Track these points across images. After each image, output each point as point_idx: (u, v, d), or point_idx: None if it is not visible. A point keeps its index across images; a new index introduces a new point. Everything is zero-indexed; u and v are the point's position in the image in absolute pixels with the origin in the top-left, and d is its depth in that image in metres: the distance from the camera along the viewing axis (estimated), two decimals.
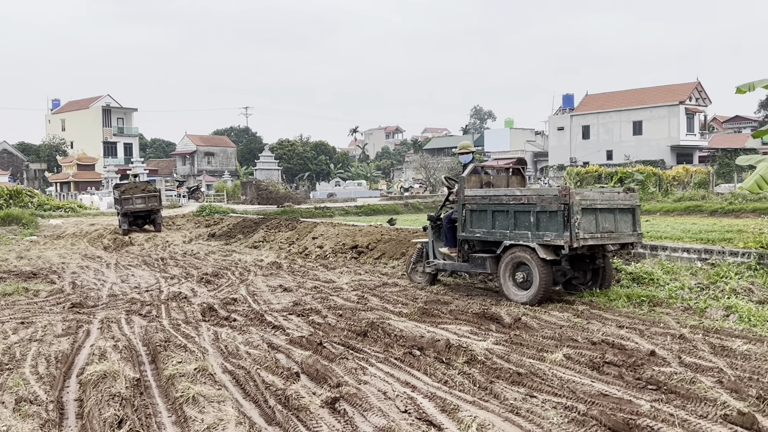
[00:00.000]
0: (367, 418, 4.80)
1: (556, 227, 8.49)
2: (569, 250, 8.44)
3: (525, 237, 8.82)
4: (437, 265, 10.38)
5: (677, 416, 4.62)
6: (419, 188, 63.71)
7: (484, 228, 9.38)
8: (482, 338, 7.06)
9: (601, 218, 8.74)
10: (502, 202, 9.14)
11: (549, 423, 4.65)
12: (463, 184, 9.69)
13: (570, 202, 8.34)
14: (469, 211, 9.58)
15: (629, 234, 9.11)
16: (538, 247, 8.62)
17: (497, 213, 9.21)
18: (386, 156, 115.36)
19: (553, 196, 8.55)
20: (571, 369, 5.90)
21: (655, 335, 7.00)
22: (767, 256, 9.76)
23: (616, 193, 9.18)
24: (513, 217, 8.96)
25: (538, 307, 8.61)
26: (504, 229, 9.11)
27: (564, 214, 8.38)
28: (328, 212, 33.20)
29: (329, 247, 15.84)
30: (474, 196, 9.53)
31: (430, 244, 10.53)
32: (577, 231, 8.32)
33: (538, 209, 8.66)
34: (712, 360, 6.02)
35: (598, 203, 8.74)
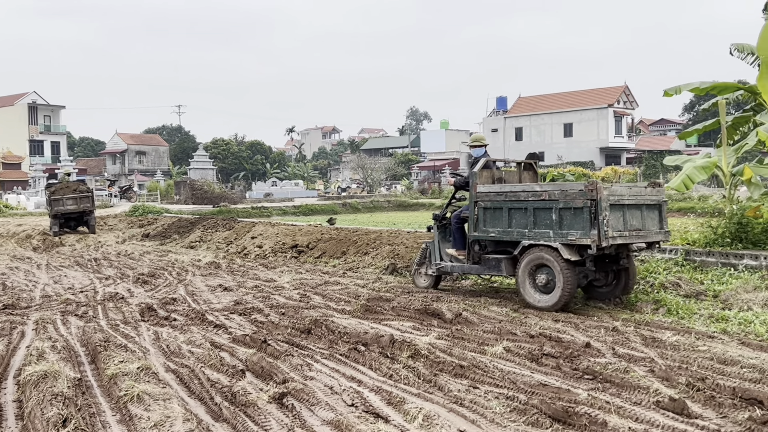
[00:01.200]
0: (314, 413, 4.85)
1: (581, 225, 7.90)
2: (597, 250, 7.85)
3: (546, 236, 8.22)
4: (444, 267, 9.75)
5: (613, 404, 4.84)
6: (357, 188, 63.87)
7: (499, 227, 8.73)
8: (425, 333, 7.19)
9: (629, 215, 8.18)
10: (520, 198, 8.49)
11: (492, 413, 4.79)
12: (475, 180, 9.02)
13: (598, 197, 7.74)
14: (481, 209, 8.91)
15: (656, 232, 8.56)
16: (562, 247, 8.02)
17: (514, 210, 8.57)
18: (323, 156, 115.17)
19: (578, 191, 7.95)
20: (511, 361, 6.09)
21: (589, 328, 7.27)
22: (693, 253, 10.23)
23: (642, 188, 8.70)
24: (532, 214, 8.35)
25: (476, 300, 8.81)
26: (522, 228, 8.49)
27: (591, 210, 7.78)
28: (265, 212, 32.91)
29: (269, 246, 15.75)
30: (488, 192, 8.87)
31: (436, 245, 9.91)
32: (606, 229, 7.72)
33: (561, 206, 8.06)
34: (644, 351, 6.31)
35: (626, 199, 8.18)
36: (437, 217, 9.99)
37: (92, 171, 79.52)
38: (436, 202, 37.33)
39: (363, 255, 13.47)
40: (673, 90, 12.61)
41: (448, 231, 9.81)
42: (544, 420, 4.58)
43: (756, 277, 8.87)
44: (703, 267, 10.20)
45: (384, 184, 66.21)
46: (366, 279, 11.38)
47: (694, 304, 8.27)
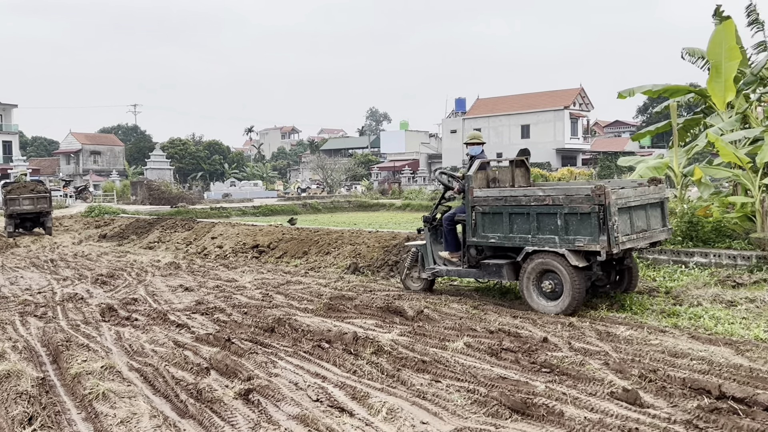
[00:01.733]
0: (280, 408, 4.93)
1: (589, 231, 7.62)
2: (606, 255, 7.60)
3: (551, 242, 7.92)
4: (438, 271, 9.44)
5: (569, 395, 5.03)
6: (317, 189, 63.71)
7: (500, 232, 8.41)
8: (387, 330, 7.31)
9: (635, 216, 7.99)
10: (521, 203, 8.17)
11: (454, 405, 4.94)
12: (471, 183, 8.68)
13: (606, 202, 7.46)
14: (479, 214, 8.57)
15: (660, 230, 8.44)
16: (569, 253, 7.75)
17: (515, 216, 8.25)
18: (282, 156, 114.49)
19: (584, 195, 7.65)
20: (471, 356, 6.24)
21: (546, 324, 7.48)
22: (645, 251, 10.56)
23: (646, 187, 8.43)
24: (535, 219, 8.04)
25: (438, 298, 8.96)
26: (524, 233, 8.17)
27: (599, 216, 7.51)
28: (224, 212, 32.68)
29: (229, 246, 15.70)
30: (486, 197, 8.52)
31: (428, 247, 9.55)
32: (616, 235, 7.48)
33: (567, 211, 7.76)
34: (599, 345, 6.53)
35: (633, 200, 7.94)
36: (428, 219, 9.64)
37: (45, 171, 77.74)
38: (396, 202, 37.57)
39: (325, 255, 13.53)
40: (627, 92, 12.99)
41: (440, 233, 9.52)
42: (503, 411, 4.74)
43: (705, 273, 9.22)
44: (655, 264, 10.55)
45: (344, 185, 66.21)
46: (328, 278, 11.45)
47: (646, 300, 8.55)
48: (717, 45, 12.44)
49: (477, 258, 8.87)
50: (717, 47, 12.43)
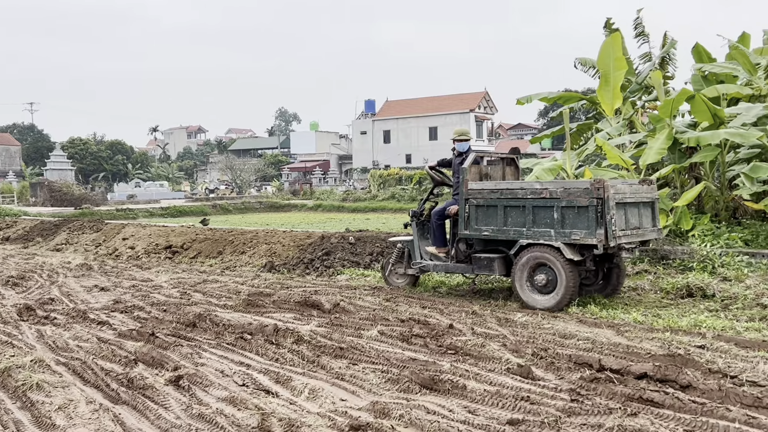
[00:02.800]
0: (209, 392, 5.31)
1: (586, 224, 7.74)
2: (603, 249, 7.74)
3: (546, 235, 8.03)
4: (426, 266, 9.45)
5: (471, 371, 5.65)
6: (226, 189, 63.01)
7: (494, 225, 8.49)
8: (306, 322, 7.76)
9: (629, 213, 8.12)
10: (517, 196, 8.28)
11: (369, 384, 5.46)
12: (466, 176, 8.77)
13: (605, 196, 7.60)
14: (473, 207, 8.65)
15: (651, 229, 8.56)
16: (564, 246, 7.86)
17: (510, 209, 8.35)
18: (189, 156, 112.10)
19: (583, 189, 7.78)
20: (384, 342, 6.79)
21: (452, 312, 8.13)
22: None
23: (639, 186, 8.53)
24: (531, 213, 8.15)
25: (352, 293, 9.47)
26: (519, 226, 8.28)
27: (597, 209, 7.66)
28: (131, 214, 32.02)
29: (141, 247, 15.67)
30: (481, 190, 8.63)
31: (415, 243, 9.59)
32: (614, 229, 7.62)
33: (564, 204, 7.89)
34: (498, 329, 7.21)
35: (628, 197, 8.07)
36: (415, 214, 9.65)
37: None
38: (308, 203, 37.86)
39: (240, 254, 13.79)
40: (525, 99, 13.95)
41: (427, 228, 9.57)
42: (414, 387, 5.30)
43: None
44: None
45: (254, 186, 65.79)
46: (244, 277, 11.75)
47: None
48: (606, 55, 13.56)
49: (466, 252, 8.90)
50: (606, 58, 13.55)
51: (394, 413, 4.62)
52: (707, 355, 6.00)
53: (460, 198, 8.82)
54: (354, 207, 35.17)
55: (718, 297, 8.43)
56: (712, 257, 9.50)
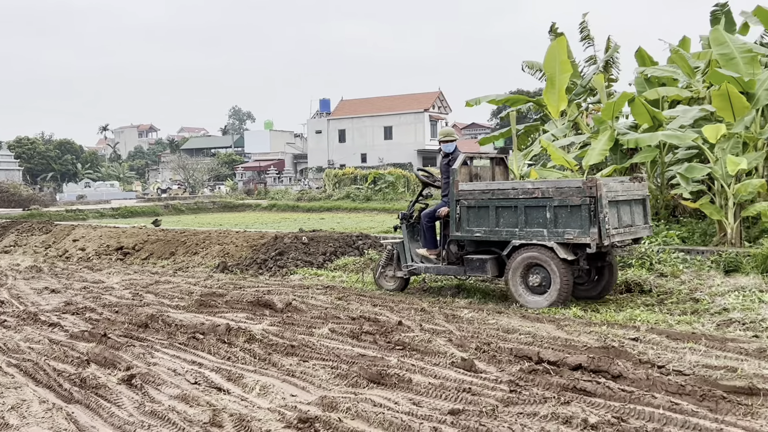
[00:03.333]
0: (162, 391, 5.43)
1: (579, 223, 7.75)
2: (596, 248, 7.74)
3: (539, 235, 8.03)
4: (417, 269, 9.37)
5: (417, 366, 5.89)
6: (178, 189, 62.27)
7: (485, 226, 8.45)
8: (258, 322, 7.90)
9: (622, 211, 8.11)
10: (509, 196, 8.24)
11: (319, 380, 5.65)
12: (456, 177, 8.74)
13: (598, 194, 7.59)
14: (464, 208, 8.60)
15: (643, 227, 8.57)
16: (558, 246, 7.86)
17: (502, 209, 8.32)
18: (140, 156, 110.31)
19: (575, 188, 7.77)
20: (335, 339, 6.98)
21: (402, 310, 8.37)
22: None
23: (631, 183, 8.53)
24: (523, 213, 8.14)
25: (305, 292, 9.63)
26: (511, 227, 8.26)
27: (590, 208, 7.65)
28: (81, 215, 31.46)
29: (92, 249, 15.54)
30: (472, 190, 8.58)
31: (405, 245, 9.52)
32: (606, 227, 7.62)
33: (556, 203, 7.88)
34: (445, 325, 7.47)
35: (620, 195, 8.07)
36: (405, 216, 9.60)
37: None
38: (263, 203, 37.72)
39: (192, 255, 13.82)
40: (474, 101, 14.31)
41: (417, 230, 9.53)
42: (362, 381, 5.51)
43: None
44: None
45: (207, 185, 65.16)
46: (197, 277, 11.80)
47: (487, 287, 9.68)
48: (552, 59, 13.96)
49: (458, 254, 8.86)
50: (552, 61, 13.96)
51: (342, 406, 4.82)
52: (640, 346, 6.35)
53: (451, 199, 8.75)
54: (309, 207, 35.18)
55: (654, 292, 8.84)
56: (650, 254, 9.94)
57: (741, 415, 4.56)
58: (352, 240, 12.86)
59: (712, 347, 6.26)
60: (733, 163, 9.62)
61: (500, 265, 8.58)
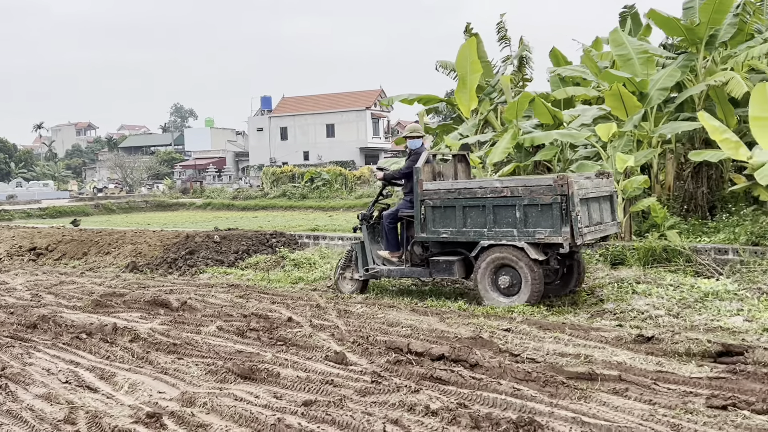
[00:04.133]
0: (29, 390, 5.46)
1: (550, 222, 7.51)
2: (569, 248, 7.57)
3: (509, 235, 7.76)
4: (380, 272, 8.99)
5: (290, 360, 6.06)
6: (115, 188, 61.12)
7: (452, 227, 8.16)
8: (150, 321, 7.95)
9: (592, 208, 7.93)
10: (476, 195, 7.95)
11: (190, 377, 5.76)
12: (420, 176, 8.42)
13: (569, 192, 7.37)
14: (430, 208, 8.29)
15: (611, 223, 8.42)
16: (528, 246, 7.62)
17: (469, 209, 8.03)
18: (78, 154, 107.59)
19: (546, 186, 7.53)
20: (220, 337, 7.09)
21: (298, 306, 8.52)
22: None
23: (600, 180, 8.34)
24: (491, 212, 7.85)
25: (208, 291, 9.69)
26: (480, 227, 7.97)
27: (561, 207, 7.42)
28: (6, 215, 30.69)
29: (3, 250, 15.22)
30: (437, 190, 8.27)
31: (366, 247, 9.15)
32: (579, 226, 7.40)
33: (526, 202, 7.63)
34: (334, 321, 7.65)
35: (591, 192, 7.88)
36: (365, 217, 9.25)
37: None
38: (197, 201, 37.38)
39: (105, 255, 13.69)
40: (386, 101, 14.57)
41: (377, 231, 9.20)
42: (231, 377, 5.65)
43: None
44: None
45: (145, 184, 64.09)
46: (104, 277, 11.72)
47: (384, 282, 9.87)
48: (463, 59, 14.31)
49: (422, 256, 8.59)
50: (463, 61, 14.30)
51: (200, 402, 4.95)
52: (509, 336, 6.63)
53: (415, 200, 8.45)
54: (244, 205, 35.05)
55: None
56: None
57: (575, 398, 4.86)
58: (265, 238, 12.93)
59: (576, 336, 6.59)
60: (622, 161, 10.05)
61: (468, 266, 8.31)
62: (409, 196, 8.75)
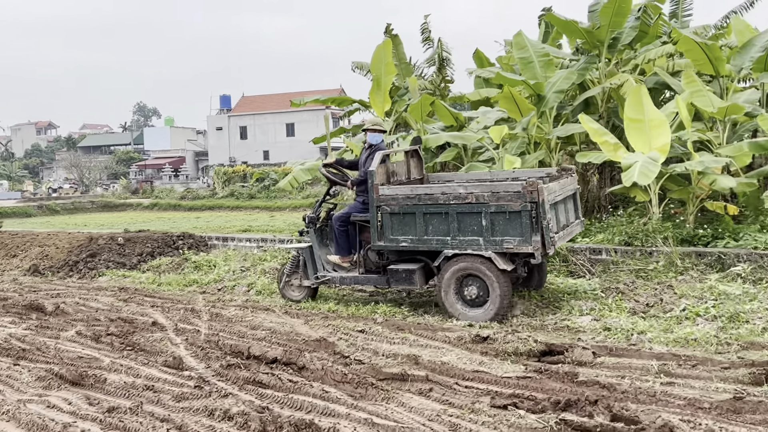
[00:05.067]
0: None
1: (519, 231, 6.99)
2: (540, 258, 7.08)
3: (475, 244, 7.23)
4: (333, 279, 8.35)
5: (126, 365, 6.07)
6: (69, 189, 60.20)
7: (412, 235, 7.56)
8: (17, 326, 7.89)
9: (559, 212, 7.53)
10: (438, 201, 7.40)
11: (20, 383, 5.76)
12: (375, 180, 7.75)
13: (540, 199, 6.88)
14: (387, 215, 7.67)
15: (576, 223, 8.07)
16: (496, 256, 7.09)
17: (431, 216, 7.45)
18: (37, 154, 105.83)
19: (514, 192, 7.02)
20: (76, 342, 7.07)
21: (173, 310, 8.51)
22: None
23: (565, 180, 7.91)
24: (455, 220, 7.31)
25: (95, 294, 9.63)
26: (442, 235, 7.41)
27: (531, 214, 6.91)
28: None
29: None
30: (395, 195, 7.65)
31: (314, 252, 8.52)
32: (551, 235, 6.95)
33: (493, 210, 7.10)
34: (199, 325, 7.67)
35: (558, 194, 7.49)
36: (312, 219, 8.58)
37: None
38: (144, 202, 36.99)
39: (12, 258, 13.51)
40: (298, 101, 14.57)
41: (326, 234, 8.63)
42: (57, 383, 5.65)
43: None
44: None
45: (102, 184, 63.26)
46: (2, 281, 11.57)
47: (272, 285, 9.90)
48: (378, 60, 14.34)
49: (378, 263, 8.02)
50: (378, 62, 14.33)
51: (4, 409, 4.95)
52: (359, 338, 6.73)
53: (371, 206, 7.79)
54: (191, 205, 34.75)
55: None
56: None
57: (379, 400, 4.96)
58: (172, 240, 12.88)
59: (423, 336, 6.71)
60: (510, 162, 10.21)
61: (428, 274, 7.83)
62: (362, 197, 8.16)
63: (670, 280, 8.06)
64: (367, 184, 7.84)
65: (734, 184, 8.78)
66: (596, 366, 5.58)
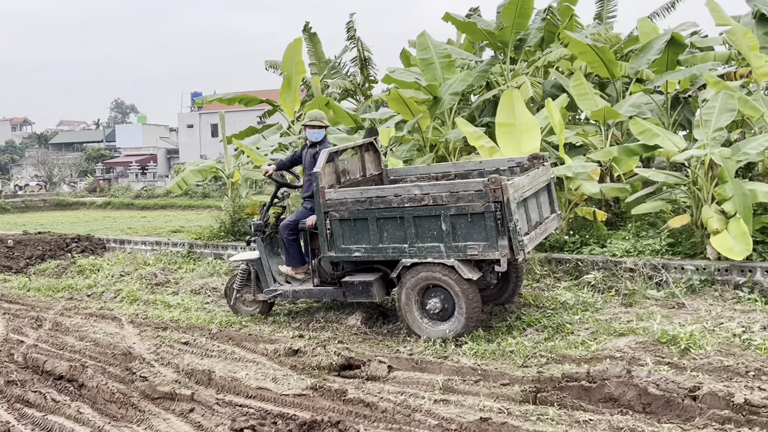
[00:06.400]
0: None
1: (484, 235, 6.16)
2: (508, 264, 6.21)
3: (435, 252, 6.40)
4: (285, 293, 7.50)
5: None
6: (36, 186, 59.49)
7: (366, 243, 6.71)
8: None
9: (530, 208, 6.66)
10: (392, 205, 6.51)
11: None
12: (321, 183, 6.86)
13: (504, 198, 6.02)
14: (337, 222, 6.80)
15: (551, 218, 7.19)
16: (459, 264, 6.28)
17: (384, 221, 6.60)
18: (11, 150, 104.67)
19: (475, 192, 6.15)
20: None
21: (19, 318, 8.29)
22: (195, 246, 11.79)
23: (536, 171, 7.02)
24: (412, 225, 6.46)
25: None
26: (399, 242, 6.56)
27: (495, 215, 6.08)
28: None
29: None
30: (343, 199, 6.76)
31: (264, 263, 7.71)
32: (520, 238, 6.05)
33: (453, 212, 6.26)
34: (29, 333, 7.42)
35: (527, 190, 6.59)
36: (259, 227, 7.73)
37: None
38: (98, 200, 36.54)
39: None
40: (201, 100, 14.29)
41: (276, 243, 7.85)
42: None
43: (205, 264, 10.62)
44: (201, 258, 11.75)
45: (70, 182, 62.55)
46: None
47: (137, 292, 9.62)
48: (289, 59, 14.09)
49: (333, 274, 7.24)
50: (289, 61, 14.08)
51: None
52: (176, 350, 6.50)
53: (318, 211, 6.91)
54: (144, 204, 34.36)
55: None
56: None
57: (134, 421, 4.75)
58: (65, 243, 12.58)
59: (244, 348, 6.51)
60: (393, 165, 9.99)
61: (388, 284, 7.07)
62: (310, 203, 7.34)
63: (520, 288, 7.84)
64: (313, 186, 6.97)
65: (597, 190, 8.60)
66: (387, 381, 5.36)
